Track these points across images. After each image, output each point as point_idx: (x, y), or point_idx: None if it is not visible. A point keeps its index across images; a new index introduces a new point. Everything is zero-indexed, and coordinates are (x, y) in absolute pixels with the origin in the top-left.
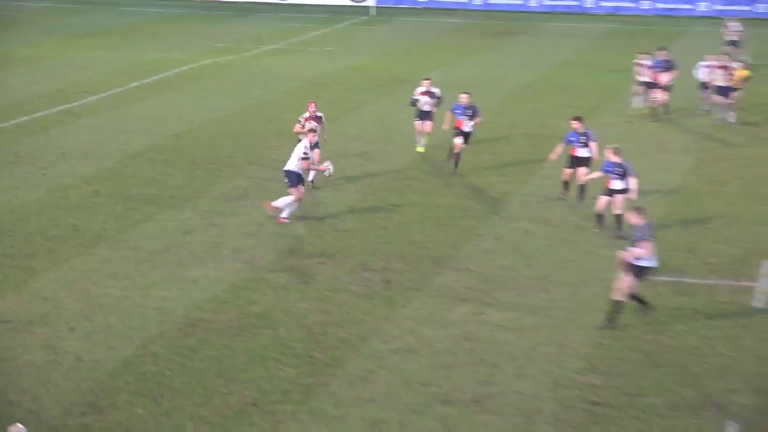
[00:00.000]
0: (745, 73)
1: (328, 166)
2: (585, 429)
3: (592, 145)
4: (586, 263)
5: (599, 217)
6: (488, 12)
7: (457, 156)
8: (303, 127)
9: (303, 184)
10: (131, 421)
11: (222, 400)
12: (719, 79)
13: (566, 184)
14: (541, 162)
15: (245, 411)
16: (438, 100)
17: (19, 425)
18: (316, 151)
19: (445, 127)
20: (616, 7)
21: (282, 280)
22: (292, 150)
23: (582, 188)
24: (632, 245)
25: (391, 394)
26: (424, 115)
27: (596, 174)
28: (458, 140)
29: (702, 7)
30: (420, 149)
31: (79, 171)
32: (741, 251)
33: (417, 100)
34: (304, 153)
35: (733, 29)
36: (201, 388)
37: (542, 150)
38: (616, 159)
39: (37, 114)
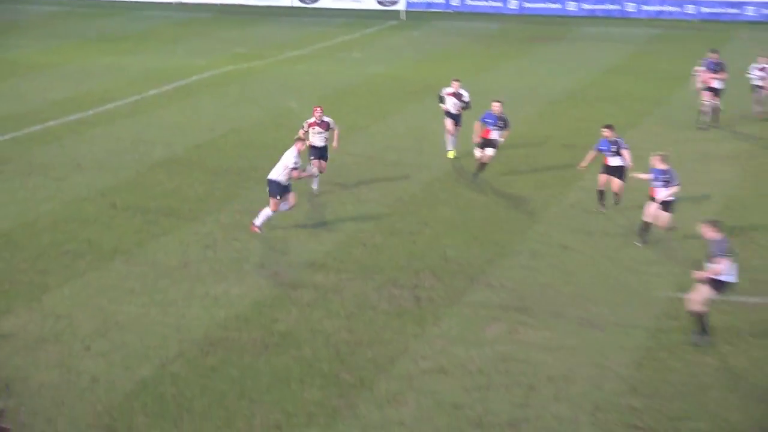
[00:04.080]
0: None
1: (313, 170)
2: None
3: (624, 153)
4: (628, 280)
5: (645, 227)
6: (524, 17)
7: (481, 166)
8: (305, 132)
9: (288, 193)
10: None
11: (244, 423)
12: None
13: (602, 194)
14: (580, 173)
15: None
16: (466, 104)
17: None
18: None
19: (476, 139)
20: (659, 12)
21: (307, 297)
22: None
23: (616, 198)
24: (709, 261)
25: (421, 417)
26: (452, 117)
27: (645, 175)
28: (478, 152)
29: (749, 12)
30: (451, 154)
31: (94, 182)
32: None
33: (443, 98)
34: (294, 163)
35: None
36: (222, 410)
37: (581, 161)
38: (662, 166)
39: (51, 123)
